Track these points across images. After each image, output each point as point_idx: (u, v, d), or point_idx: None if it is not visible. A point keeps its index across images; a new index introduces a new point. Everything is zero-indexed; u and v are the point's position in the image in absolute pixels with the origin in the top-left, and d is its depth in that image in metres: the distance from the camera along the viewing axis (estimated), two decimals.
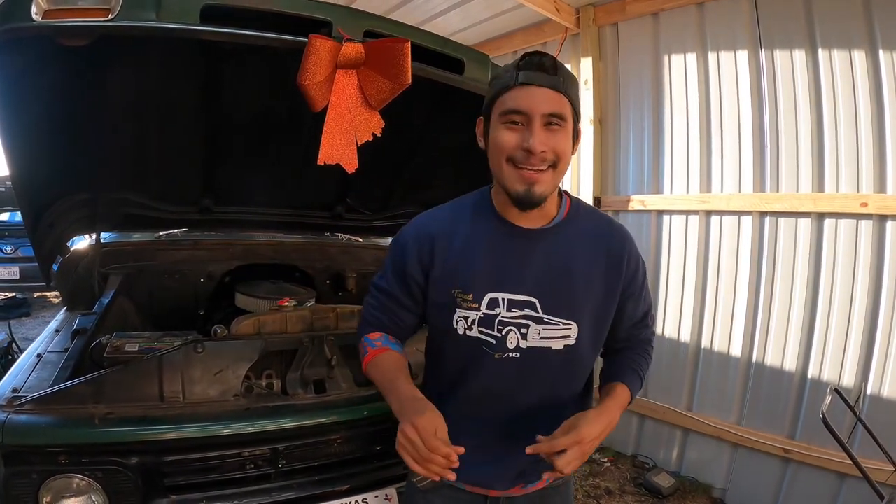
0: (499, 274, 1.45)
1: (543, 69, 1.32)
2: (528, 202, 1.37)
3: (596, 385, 1.66)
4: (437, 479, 1.27)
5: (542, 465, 1.41)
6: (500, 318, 1.43)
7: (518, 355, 1.45)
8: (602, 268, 1.48)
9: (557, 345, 1.45)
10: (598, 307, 1.49)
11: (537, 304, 1.44)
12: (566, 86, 1.34)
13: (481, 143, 1.48)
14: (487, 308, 1.44)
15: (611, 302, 1.51)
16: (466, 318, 1.46)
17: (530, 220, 1.46)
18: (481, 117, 1.47)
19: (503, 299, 1.44)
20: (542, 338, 1.43)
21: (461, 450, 1.25)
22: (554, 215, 1.49)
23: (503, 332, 1.43)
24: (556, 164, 1.36)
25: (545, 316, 1.44)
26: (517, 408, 1.51)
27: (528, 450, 1.32)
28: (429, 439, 1.23)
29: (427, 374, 1.72)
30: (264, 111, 2.50)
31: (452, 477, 1.25)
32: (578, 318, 1.45)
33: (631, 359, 1.60)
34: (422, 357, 1.75)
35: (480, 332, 1.45)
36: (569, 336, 1.45)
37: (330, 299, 3.33)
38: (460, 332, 1.47)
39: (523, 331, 1.43)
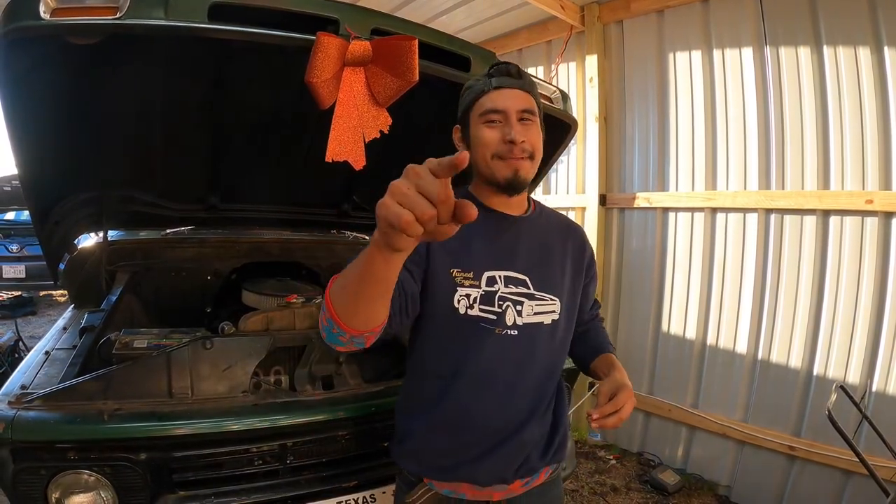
0: (494, 254, 1.56)
1: (511, 75, 1.53)
2: (515, 186, 1.52)
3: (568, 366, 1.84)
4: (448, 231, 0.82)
5: (543, 450, 1.58)
6: (499, 293, 1.52)
7: (515, 332, 1.53)
8: (570, 251, 1.68)
9: (547, 320, 1.58)
10: (570, 285, 1.66)
11: (528, 281, 1.57)
12: (531, 87, 1.55)
13: (460, 148, 1.59)
14: (487, 285, 1.53)
15: (578, 283, 1.71)
16: (469, 297, 1.51)
17: (512, 209, 1.62)
18: (457, 126, 1.63)
19: (500, 276, 1.54)
20: (535, 313, 1.55)
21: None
22: (527, 207, 1.68)
23: (503, 308, 1.52)
24: (534, 156, 1.52)
25: (536, 292, 1.57)
26: (516, 388, 1.56)
27: (594, 423, 1.40)
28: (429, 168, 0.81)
29: (413, 373, 1.66)
30: (271, 109, 2.51)
31: (473, 213, 0.79)
32: (560, 294, 1.61)
33: (604, 337, 1.85)
34: None
35: (481, 309, 1.51)
36: (554, 311, 1.60)
37: None
38: (462, 311, 1.51)
39: (518, 308, 1.53)
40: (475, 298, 1.51)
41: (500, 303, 1.51)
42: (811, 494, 3.54)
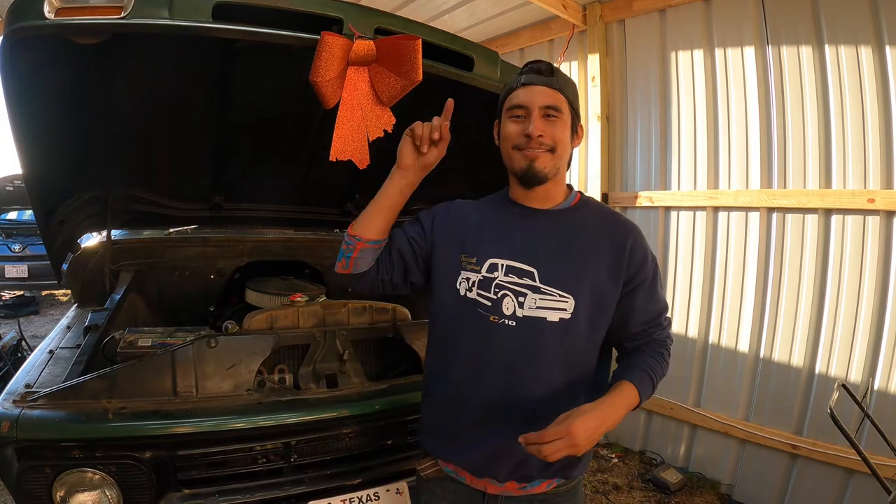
0: (502, 242, 1.61)
1: (541, 73, 1.57)
2: (531, 177, 1.56)
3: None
4: (426, 148, 1.58)
5: (540, 463, 1.45)
6: (497, 281, 1.56)
7: (514, 323, 1.53)
8: (605, 251, 1.58)
9: (553, 316, 1.52)
10: (598, 287, 1.56)
11: (536, 273, 1.54)
12: (561, 84, 1.57)
13: (497, 142, 1.67)
14: (487, 271, 1.58)
15: (613, 287, 1.57)
16: (468, 280, 1.59)
17: (537, 202, 1.64)
18: (497, 120, 1.67)
19: (503, 265, 1.57)
20: (538, 307, 1.52)
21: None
22: (560, 202, 1.65)
23: (498, 295, 1.55)
24: (555, 150, 1.55)
25: (542, 286, 1.53)
26: (512, 385, 1.54)
27: (521, 438, 1.37)
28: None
29: (428, 352, 1.77)
30: (275, 108, 2.51)
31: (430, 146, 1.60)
32: (575, 293, 1.53)
33: (643, 360, 1.59)
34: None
35: (479, 293, 1.57)
36: (565, 309, 1.52)
37: (340, 295, 3.34)
38: (462, 292, 1.60)
39: (520, 299, 1.52)
40: (473, 282, 1.58)
41: (497, 290, 1.55)
42: (813, 493, 3.55)
